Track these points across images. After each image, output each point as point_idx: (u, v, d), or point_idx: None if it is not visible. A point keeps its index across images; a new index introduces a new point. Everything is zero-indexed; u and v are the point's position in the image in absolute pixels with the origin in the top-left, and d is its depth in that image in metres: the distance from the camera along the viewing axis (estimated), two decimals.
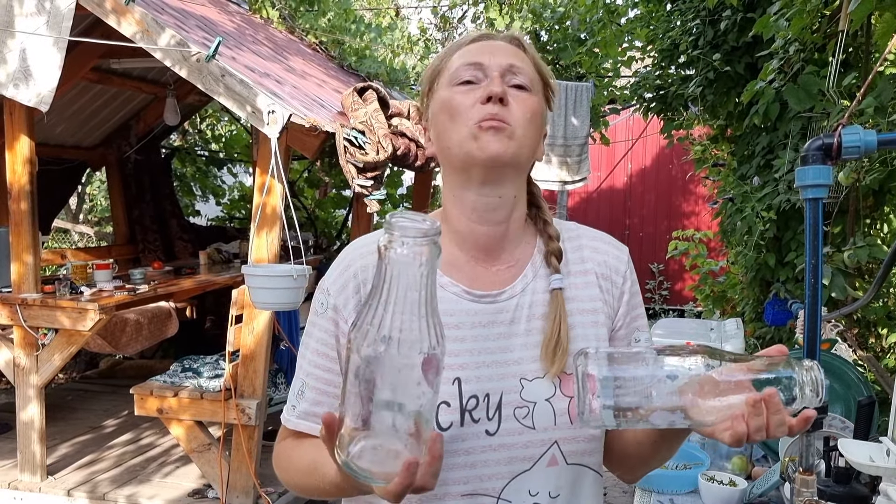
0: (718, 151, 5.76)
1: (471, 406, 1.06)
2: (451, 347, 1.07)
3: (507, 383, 1.07)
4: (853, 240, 2.70)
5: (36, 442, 4.31)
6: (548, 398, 1.07)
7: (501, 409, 1.06)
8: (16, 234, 4.28)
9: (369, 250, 1.13)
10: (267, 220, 3.95)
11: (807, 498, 1.37)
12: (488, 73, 1.08)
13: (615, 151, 10.18)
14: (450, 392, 1.05)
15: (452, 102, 1.08)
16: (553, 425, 1.07)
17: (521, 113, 1.06)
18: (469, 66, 1.09)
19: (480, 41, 1.13)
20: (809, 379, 0.88)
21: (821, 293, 1.33)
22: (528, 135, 1.07)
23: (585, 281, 1.16)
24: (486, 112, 1.04)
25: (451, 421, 1.05)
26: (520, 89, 1.08)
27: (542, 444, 1.07)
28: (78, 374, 6.88)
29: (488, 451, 1.06)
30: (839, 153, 1.30)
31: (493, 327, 1.10)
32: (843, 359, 2.41)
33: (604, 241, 1.21)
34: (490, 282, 1.12)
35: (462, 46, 1.13)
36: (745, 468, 2.29)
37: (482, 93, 1.06)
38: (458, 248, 1.14)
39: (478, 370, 1.07)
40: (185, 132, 9.00)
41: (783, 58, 3.14)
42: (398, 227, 0.82)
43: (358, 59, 7.56)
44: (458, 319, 1.09)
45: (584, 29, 6.88)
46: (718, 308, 5.79)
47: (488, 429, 1.06)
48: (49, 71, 3.76)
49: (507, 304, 1.11)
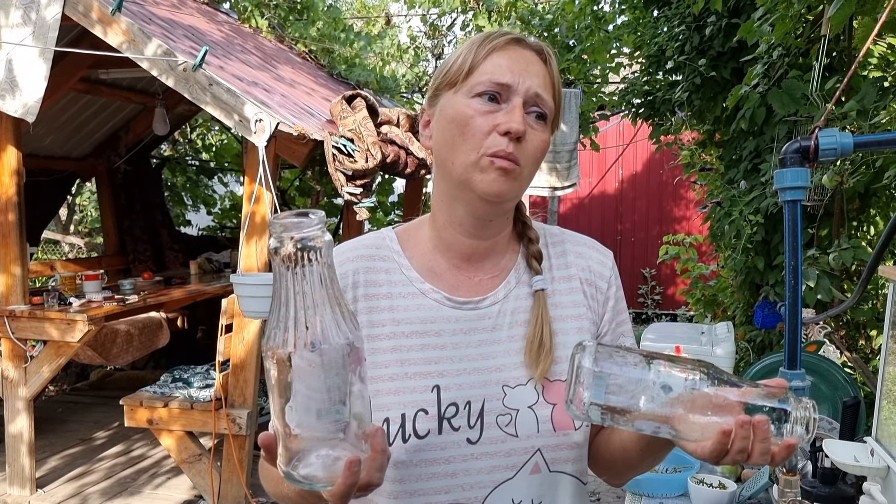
0: (707, 156, 5.79)
1: (450, 414, 1.04)
2: (431, 354, 1.06)
3: (490, 390, 1.06)
4: (838, 242, 2.71)
5: (25, 455, 4.29)
6: (531, 405, 1.06)
7: (483, 416, 1.05)
8: (3, 245, 4.27)
9: (349, 257, 1.12)
10: (256, 229, 3.95)
11: (791, 498, 1.37)
12: (513, 98, 1.03)
13: (606, 157, 10.21)
14: (428, 399, 1.04)
15: (468, 119, 1.03)
16: (536, 433, 1.05)
17: (533, 151, 1.04)
18: (494, 83, 1.03)
19: (513, 49, 1.06)
20: (803, 416, 0.86)
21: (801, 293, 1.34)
22: (532, 171, 1.06)
23: (569, 287, 1.15)
24: (500, 147, 1.01)
25: (428, 429, 1.03)
26: (539, 120, 1.05)
27: (524, 451, 1.05)
28: (68, 386, 6.85)
29: (470, 459, 1.04)
30: (816, 155, 1.31)
31: (475, 334, 1.08)
32: (830, 360, 2.42)
33: (588, 247, 1.20)
34: (472, 289, 1.11)
35: (495, 50, 1.05)
36: (735, 471, 2.29)
37: (503, 124, 1.01)
38: (441, 254, 1.13)
39: (458, 377, 1.06)
40: (176, 142, 8.99)
41: (767, 62, 3.15)
42: (284, 226, 0.78)
43: (348, 68, 7.58)
44: (439, 326, 1.08)
45: (573, 36, 6.92)
46: (710, 312, 5.80)
47: (469, 437, 1.04)
48: (35, 82, 3.76)
49: (489, 310, 1.10)
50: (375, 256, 1.13)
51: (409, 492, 1.05)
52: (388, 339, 1.07)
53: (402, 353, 1.07)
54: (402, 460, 1.03)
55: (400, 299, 1.10)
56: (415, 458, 1.03)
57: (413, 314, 1.09)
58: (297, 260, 0.77)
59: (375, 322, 1.08)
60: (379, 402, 1.04)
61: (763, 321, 3.52)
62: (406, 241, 1.16)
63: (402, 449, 1.02)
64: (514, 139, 1.01)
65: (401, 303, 1.09)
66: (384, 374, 1.05)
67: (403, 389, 1.04)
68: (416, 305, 1.09)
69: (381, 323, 1.08)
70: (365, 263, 1.12)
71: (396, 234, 1.17)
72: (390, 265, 1.12)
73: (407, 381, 1.05)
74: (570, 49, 6.85)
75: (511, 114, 1.01)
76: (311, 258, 0.77)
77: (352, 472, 0.78)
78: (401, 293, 1.10)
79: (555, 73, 1.09)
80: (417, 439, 1.03)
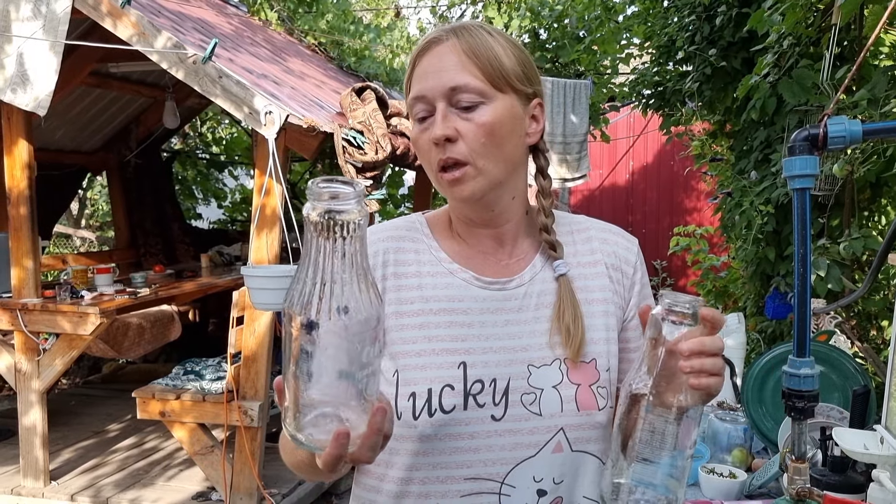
0: (717, 147, 5.76)
1: (475, 390, 1.06)
2: (458, 332, 1.09)
3: (515, 369, 1.08)
4: (848, 231, 2.69)
5: (38, 447, 4.32)
6: (555, 385, 1.08)
7: (508, 394, 1.07)
8: (15, 239, 4.30)
9: (379, 237, 1.16)
10: (266, 221, 3.96)
11: (799, 486, 1.37)
12: (437, 104, 1.05)
13: (617, 149, 10.17)
14: (454, 375, 1.06)
15: (417, 143, 1.09)
16: (560, 412, 1.07)
17: (474, 138, 1.04)
18: (417, 101, 1.06)
19: (425, 56, 1.07)
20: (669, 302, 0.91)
21: (809, 282, 1.33)
22: (491, 155, 1.05)
23: (595, 272, 1.16)
24: (438, 158, 1.05)
25: (453, 404, 1.05)
26: (468, 110, 1.04)
27: (547, 430, 1.07)
28: (81, 379, 6.90)
29: (493, 436, 1.06)
30: (825, 143, 1.31)
31: (502, 314, 1.11)
32: (840, 350, 2.41)
33: (613, 233, 1.22)
34: (499, 271, 1.14)
35: (414, 69, 1.09)
36: (745, 460, 2.29)
37: (433, 136, 1.04)
38: (466, 240, 1.16)
39: (485, 355, 1.08)
40: (186, 135, 9.02)
41: (777, 52, 3.13)
42: (325, 192, 0.77)
43: (357, 60, 7.58)
44: (467, 305, 1.11)
45: (582, 27, 6.90)
46: (720, 303, 5.78)
47: (494, 414, 1.06)
48: (46, 75, 3.78)
49: (515, 291, 1.12)
50: (406, 238, 1.16)
51: (431, 464, 1.07)
52: (417, 315, 1.10)
53: (430, 329, 1.09)
54: (427, 434, 1.05)
55: (429, 278, 1.12)
56: (440, 432, 1.05)
57: (441, 292, 1.11)
58: (331, 229, 0.76)
59: (404, 300, 1.11)
60: (406, 376, 1.07)
61: (774, 312, 3.50)
62: (435, 225, 1.19)
63: (427, 423, 1.05)
64: (445, 142, 1.03)
65: (429, 281, 1.12)
66: (412, 350, 1.08)
67: (430, 365, 1.07)
68: (444, 284, 1.12)
69: (410, 301, 1.11)
70: (395, 244, 1.15)
71: (426, 219, 1.21)
72: (420, 246, 1.16)
73: (434, 358, 1.07)
74: (580, 40, 6.82)
75: (434, 122, 1.04)
76: (345, 230, 0.77)
77: (338, 444, 0.78)
78: (429, 272, 1.13)
79: (471, 44, 1.05)
80: (443, 414, 1.05)
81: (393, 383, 1.08)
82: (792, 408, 1.38)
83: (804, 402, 1.37)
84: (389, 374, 1.08)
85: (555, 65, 6.97)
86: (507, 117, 1.06)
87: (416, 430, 1.05)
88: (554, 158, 6.09)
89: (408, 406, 1.05)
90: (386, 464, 1.10)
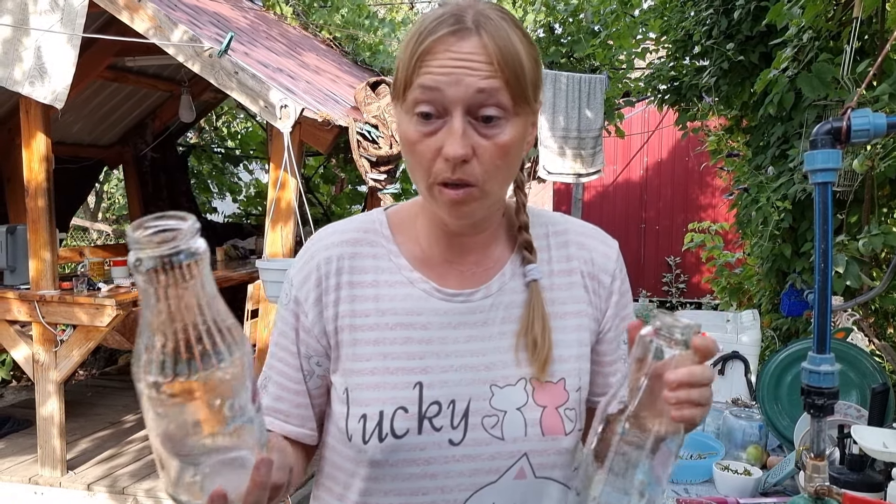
0: (734, 143, 5.72)
1: (431, 413, 0.98)
2: (416, 349, 1.00)
3: (476, 389, 1.00)
4: (867, 228, 2.67)
5: (56, 437, 4.36)
6: (519, 407, 1.00)
7: (468, 417, 0.99)
8: (33, 231, 4.33)
9: (334, 241, 1.06)
10: (281, 215, 3.97)
11: (818, 484, 1.36)
12: (450, 108, 0.90)
13: (631, 144, 10.13)
14: (408, 397, 0.98)
15: (414, 144, 0.94)
16: (523, 436, 0.99)
17: (490, 160, 0.92)
18: (427, 92, 0.90)
19: (448, 45, 0.91)
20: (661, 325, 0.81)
21: (830, 278, 1.32)
22: (500, 177, 0.95)
23: (570, 281, 1.07)
24: (446, 175, 0.92)
25: (406, 428, 0.97)
26: (488, 125, 0.91)
27: (510, 455, 0.99)
28: (97, 370, 6.95)
29: (451, 461, 0.99)
30: (848, 137, 1.28)
31: (464, 329, 1.02)
32: (858, 347, 2.39)
33: (592, 237, 1.11)
34: (464, 281, 1.04)
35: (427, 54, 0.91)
36: (760, 457, 2.28)
37: (444, 148, 0.90)
38: (434, 242, 1.06)
39: (444, 374, 0.99)
40: (202, 129, 9.06)
41: (797, 46, 3.11)
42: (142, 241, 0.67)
43: (372, 55, 7.58)
44: (426, 319, 1.01)
45: (598, 21, 6.86)
46: (735, 300, 5.74)
47: (452, 438, 0.98)
48: (64, 68, 3.79)
49: (480, 303, 1.03)
50: (362, 241, 1.06)
51: (384, 491, 1.00)
52: (371, 330, 1.01)
53: (385, 346, 1.00)
54: (378, 460, 0.98)
55: (386, 288, 1.03)
56: (391, 458, 0.98)
57: (399, 305, 1.02)
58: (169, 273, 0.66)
59: (358, 312, 1.02)
60: (358, 396, 1.00)
61: (790, 309, 3.48)
62: (398, 226, 1.08)
63: (377, 448, 0.98)
64: (460, 162, 0.90)
65: (387, 292, 1.03)
66: (365, 368, 1.00)
67: (384, 385, 0.99)
68: (402, 295, 1.02)
69: (365, 313, 1.02)
70: (351, 249, 1.05)
71: (388, 216, 1.09)
72: (378, 251, 1.06)
73: (388, 377, 0.99)
74: (596, 34, 6.79)
75: (450, 133, 0.90)
76: (189, 271, 0.67)
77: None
78: (387, 281, 1.03)
79: (499, 45, 0.90)
80: (395, 439, 0.97)
81: (344, 402, 1.01)
82: (812, 405, 1.37)
83: (824, 399, 1.36)
84: (340, 391, 1.02)
85: (570, 59, 6.94)
86: (522, 136, 0.95)
87: (366, 455, 0.98)
88: (568, 153, 6.07)
89: (357, 428, 0.98)
90: (344, 485, 1.05)
